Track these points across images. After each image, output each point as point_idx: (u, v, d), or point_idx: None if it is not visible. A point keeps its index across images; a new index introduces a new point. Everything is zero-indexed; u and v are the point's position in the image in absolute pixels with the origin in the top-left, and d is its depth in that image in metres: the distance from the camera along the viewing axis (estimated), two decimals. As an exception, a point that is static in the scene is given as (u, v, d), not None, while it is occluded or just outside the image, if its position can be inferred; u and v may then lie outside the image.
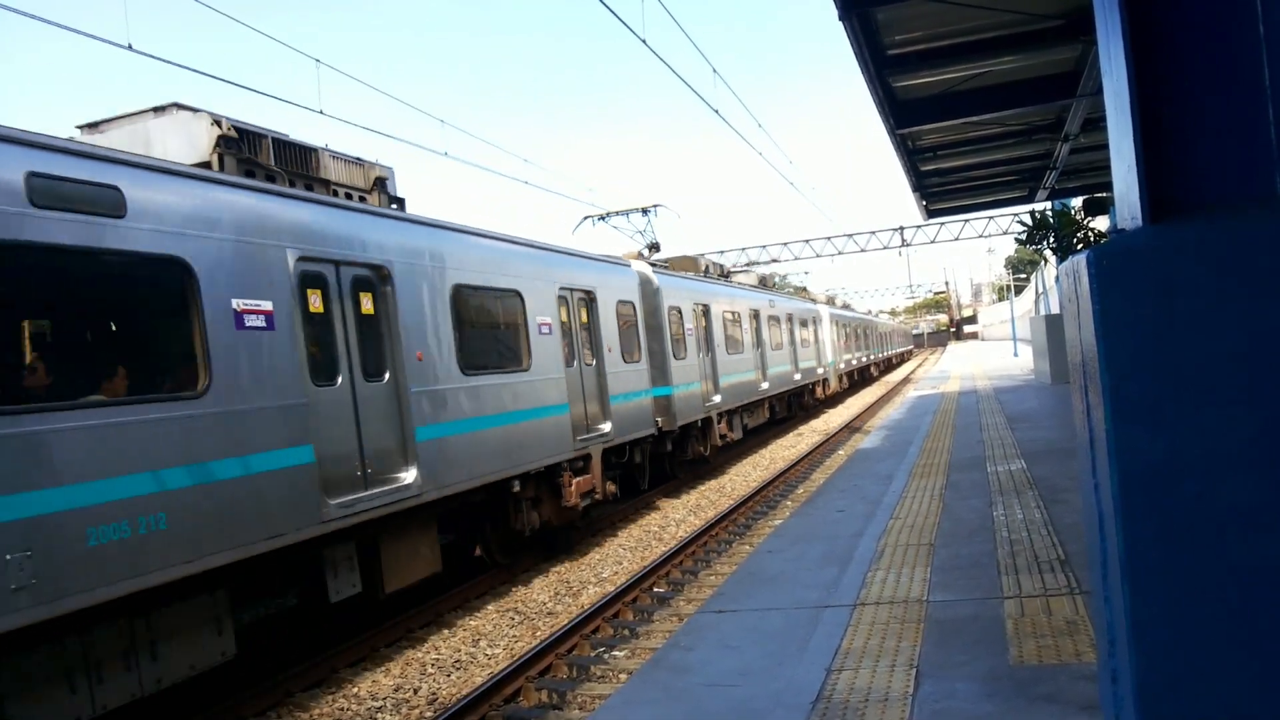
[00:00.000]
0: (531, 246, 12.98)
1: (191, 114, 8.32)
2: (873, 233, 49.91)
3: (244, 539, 7.17)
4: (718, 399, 20.13)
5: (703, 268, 22.53)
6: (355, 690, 8.33)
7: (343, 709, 7.92)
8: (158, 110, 8.38)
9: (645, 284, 17.06)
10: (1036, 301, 43.08)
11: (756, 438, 24.72)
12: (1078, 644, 4.83)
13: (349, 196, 9.80)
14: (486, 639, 9.54)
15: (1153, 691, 1.93)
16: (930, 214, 24.80)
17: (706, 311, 20.26)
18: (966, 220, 46.66)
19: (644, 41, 11.59)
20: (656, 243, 20.25)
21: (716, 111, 15.70)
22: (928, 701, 4.31)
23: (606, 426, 14.15)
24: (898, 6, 9.68)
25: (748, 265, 34.00)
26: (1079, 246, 18.20)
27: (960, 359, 51.91)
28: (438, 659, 9.01)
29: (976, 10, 9.90)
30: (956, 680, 4.53)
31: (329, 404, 8.39)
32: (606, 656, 8.64)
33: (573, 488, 12.72)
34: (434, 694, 8.13)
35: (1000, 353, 51.19)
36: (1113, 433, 1.93)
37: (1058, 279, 23.87)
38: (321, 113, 12.66)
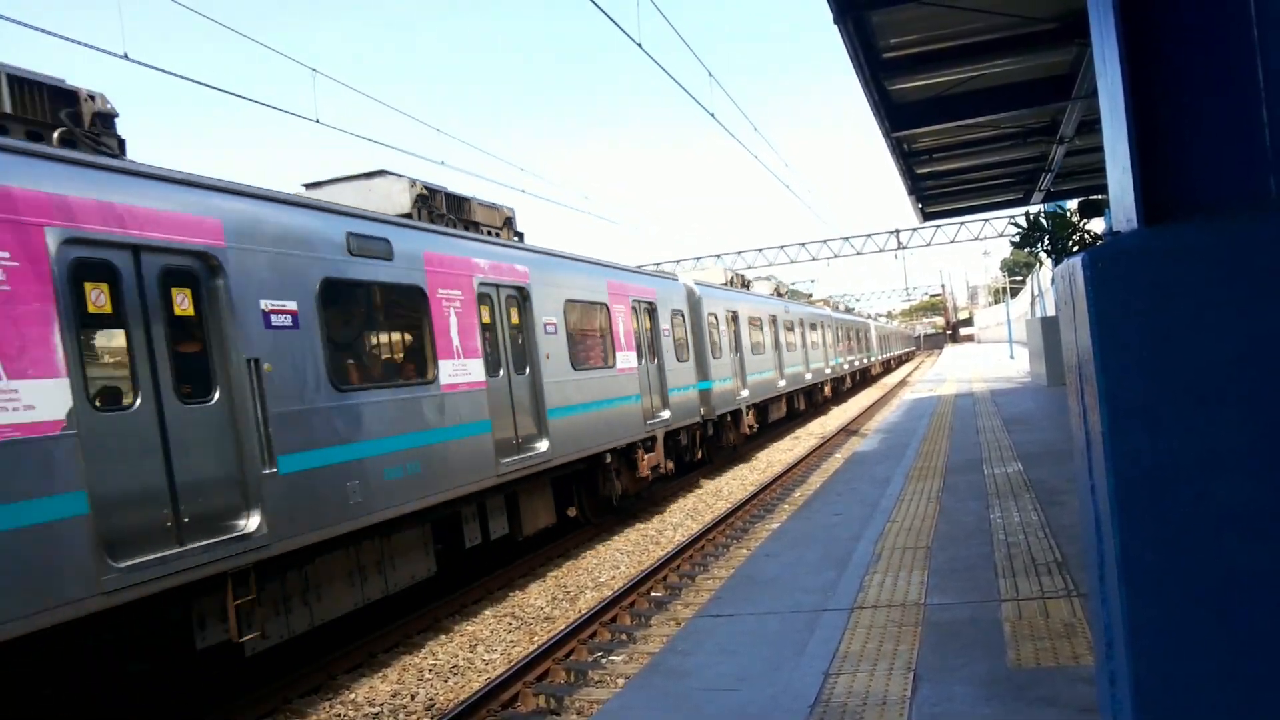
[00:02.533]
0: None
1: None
2: (869, 235, 50.00)
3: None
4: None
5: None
6: (352, 696, 8.30)
7: (340, 715, 7.90)
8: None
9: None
10: (1032, 304, 43.17)
11: (753, 442, 24.73)
12: (1075, 646, 4.82)
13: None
14: (484, 644, 9.52)
15: (1151, 694, 1.93)
16: (926, 217, 24.85)
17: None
18: (962, 223, 46.79)
19: (639, 45, 11.59)
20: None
21: (713, 115, 15.71)
22: (926, 705, 4.31)
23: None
24: (893, 10, 9.70)
25: (768, 273, 35.22)
26: (1074, 249, 18.23)
27: (956, 362, 51.97)
28: (435, 664, 9.00)
29: (971, 13, 9.92)
30: (954, 683, 4.53)
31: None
32: (604, 661, 8.62)
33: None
34: (431, 700, 8.11)
35: (997, 355, 51.26)
36: (1109, 435, 1.93)
37: (1053, 281, 23.89)
38: (318, 121, 12.67)
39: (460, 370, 10.43)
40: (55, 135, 6.96)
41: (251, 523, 7.38)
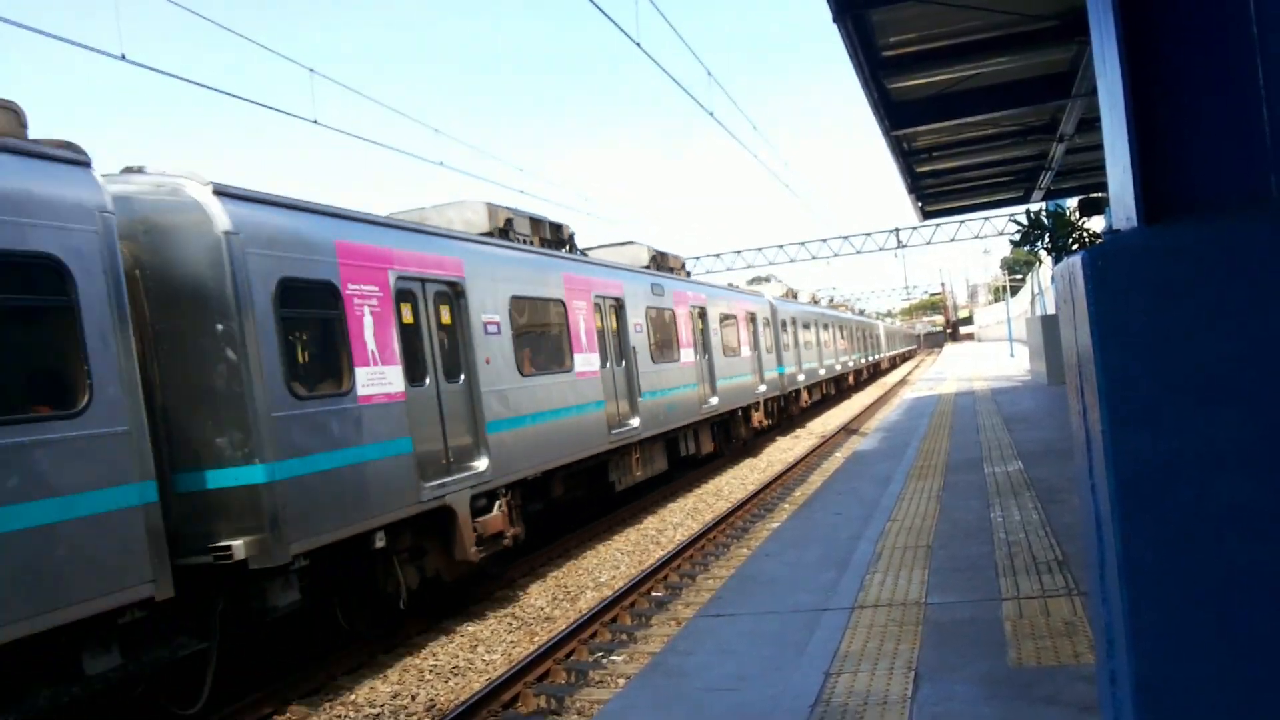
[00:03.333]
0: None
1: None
2: (868, 234, 49.96)
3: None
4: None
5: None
6: (353, 697, 8.30)
7: (341, 715, 7.90)
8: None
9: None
10: (1032, 302, 43.14)
11: (760, 439, 24.77)
12: (1076, 645, 4.82)
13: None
14: (484, 645, 9.52)
15: (1151, 692, 1.93)
16: (926, 215, 24.85)
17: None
18: (962, 221, 46.71)
19: (638, 45, 11.59)
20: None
21: (711, 114, 15.72)
22: (927, 704, 4.30)
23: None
24: (892, 8, 9.69)
25: (766, 273, 40.80)
26: (1074, 247, 18.23)
27: (957, 360, 51.95)
28: (435, 665, 8.99)
29: (971, 11, 9.92)
30: (955, 682, 4.52)
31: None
32: (605, 661, 8.62)
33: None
34: (432, 700, 8.11)
35: (997, 354, 51.25)
36: (1109, 434, 1.93)
37: (1053, 280, 23.87)
38: (316, 122, 12.66)
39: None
40: None
41: (636, 421, 14.51)
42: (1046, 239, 19.78)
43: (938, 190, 21.24)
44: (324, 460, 8.06)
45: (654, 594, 10.77)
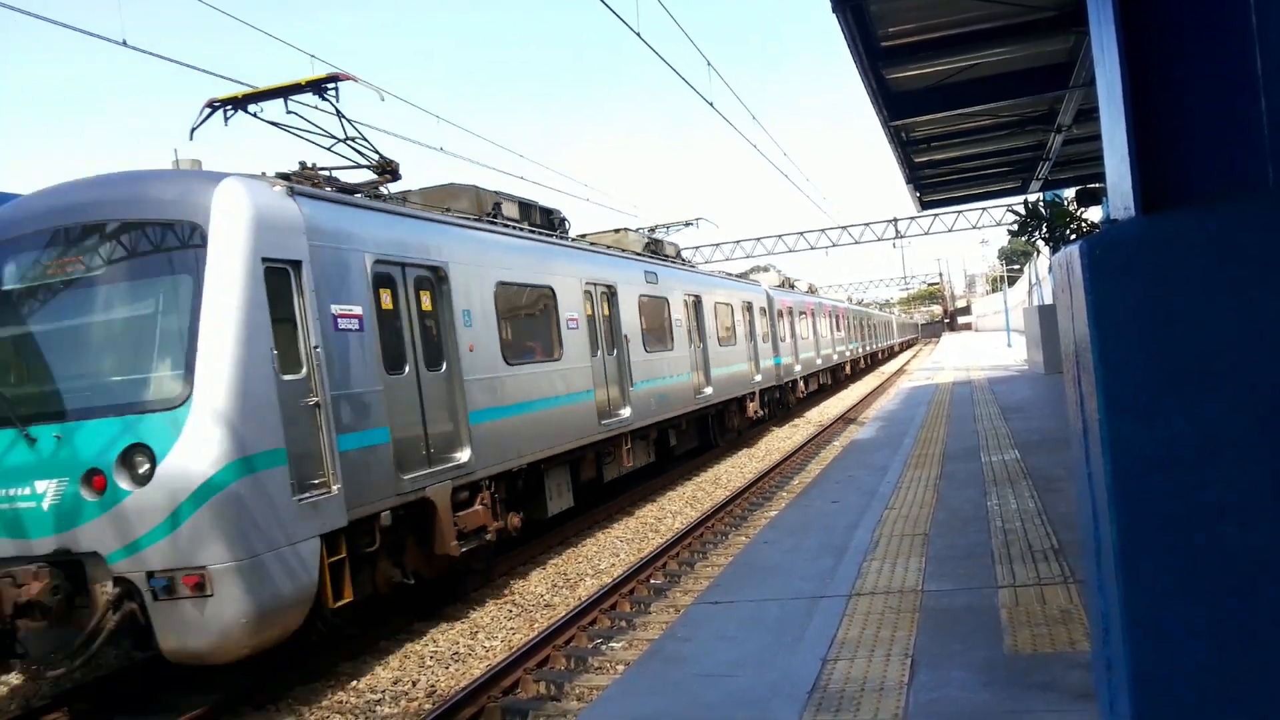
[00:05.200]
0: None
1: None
2: (867, 224, 49.90)
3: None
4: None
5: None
6: (354, 683, 8.34)
7: (342, 701, 7.94)
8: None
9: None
10: (1030, 292, 43.14)
11: (759, 428, 24.80)
12: (1072, 632, 4.85)
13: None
14: (484, 631, 9.56)
15: (1147, 679, 1.95)
16: (924, 205, 24.86)
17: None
18: (960, 212, 46.66)
19: (638, 35, 11.57)
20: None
21: (711, 105, 15.69)
22: (923, 691, 4.34)
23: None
24: (891, -2, 9.69)
25: (769, 262, 41.91)
26: (1072, 237, 18.23)
27: (954, 350, 51.98)
28: (436, 651, 9.03)
29: (969, 1, 9.91)
30: (952, 669, 4.56)
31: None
32: (604, 648, 8.66)
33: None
34: (432, 686, 8.15)
35: (994, 343, 51.27)
36: (1106, 423, 1.95)
37: (1051, 270, 23.87)
38: (316, 108, 12.60)
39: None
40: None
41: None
42: (1044, 229, 19.80)
43: (936, 180, 21.23)
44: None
45: (653, 581, 10.81)
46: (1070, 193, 21.83)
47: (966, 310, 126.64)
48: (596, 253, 15.64)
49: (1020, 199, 22.49)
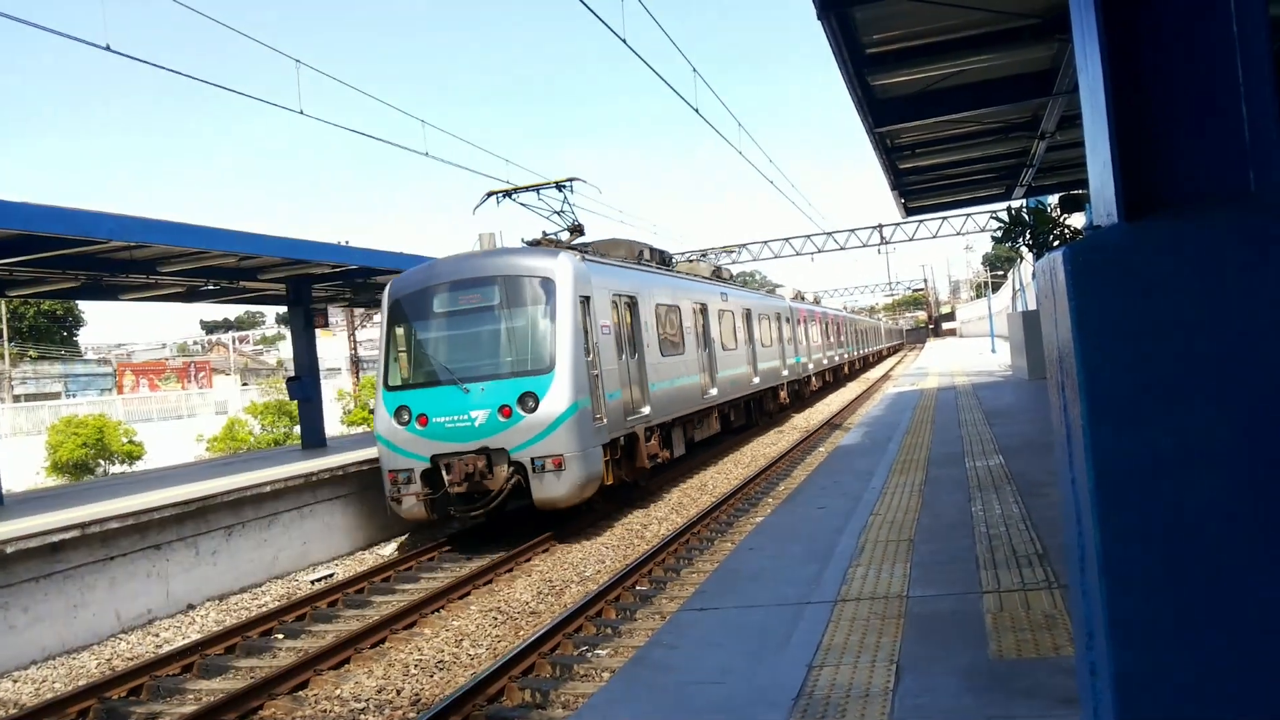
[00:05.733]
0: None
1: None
2: (852, 230, 50.08)
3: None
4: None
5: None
6: (337, 692, 8.29)
7: (326, 710, 7.89)
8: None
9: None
10: (1014, 298, 43.32)
11: (738, 436, 24.84)
12: (1056, 638, 4.86)
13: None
14: (470, 639, 9.52)
15: (1131, 685, 1.95)
16: (909, 212, 24.94)
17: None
18: (945, 218, 46.87)
19: (624, 41, 11.58)
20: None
21: (696, 110, 15.73)
22: (908, 696, 4.33)
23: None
24: (876, 5, 9.71)
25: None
26: (1055, 244, 18.31)
27: (939, 355, 52.16)
28: (420, 660, 8.99)
29: (954, 9, 9.95)
30: (937, 675, 4.56)
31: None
32: (589, 655, 8.64)
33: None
34: (417, 694, 8.10)
35: (978, 349, 51.47)
36: (1089, 429, 1.95)
37: (1034, 276, 23.98)
38: (302, 113, 12.62)
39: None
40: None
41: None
42: (1028, 235, 19.89)
43: (921, 187, 21.32)
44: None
45: (639, 588, 10.79)
46: (1053, 199, 21.93)
47: (951, 316, 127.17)
48: (696, 280, 22.79)
49: (1004, 205, 22.61)
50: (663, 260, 21.28)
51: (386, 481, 13.75)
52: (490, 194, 16.55)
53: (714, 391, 21.21)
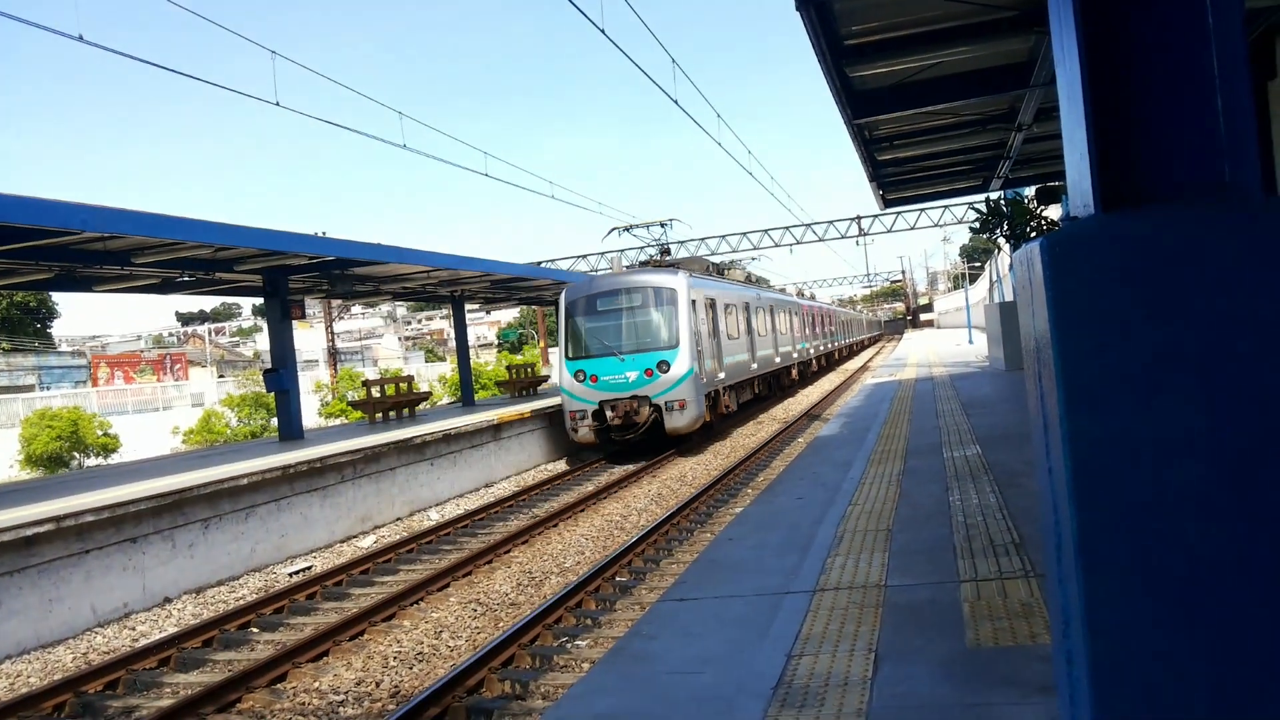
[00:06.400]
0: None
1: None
2: (831, 222, 50.16)
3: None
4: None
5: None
6: (316, 685, 8.26)
7: (304, 703, 7.86)
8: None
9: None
10: (991, 289, 43.58)
11: (726, 426, 24.93)
12: (1033, 626, 4.91)
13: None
14: (449, 631, 9.51)
15: (1107, 672, 1.97)
16: (887, 203, 24.99)
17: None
18: (923, 209, 47.10)
19: (603, 31, 11.55)
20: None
21: (675, 102, 15.71)
22: (887, 685, 4.36)
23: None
24: (854, -4, 9.71)
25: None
26: (1032, 235, 18.42)
27: (917, 346, 52.41)
28: (399, 652, 8.97)
29: (932, 1, 9.97)
30: (915, 663, 4.59)
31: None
32: (569, 646, 8.64)
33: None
34: (396, 687, 8.09)
35: (955, 340, 51.76)
36: (1066, 418, 1.97)
37: (1011, 267, 24.11)
38: (278, 104, 12.49)
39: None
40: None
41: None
42: (1005, 226, 20.00)
43: (899, 178, 21.37)
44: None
45: (619, 579, 10.80)
46: (1030, 191, 22.04)
47: (929, 308, 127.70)
48: (743, 285, 29.88)
49: (982, 197, 22.68)
50: (719, 271, 29.41)
51: (568, 418, 21.17)
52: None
53: (754, 366, 28.66)
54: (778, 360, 33.40)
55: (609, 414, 20.57)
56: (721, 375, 23.44)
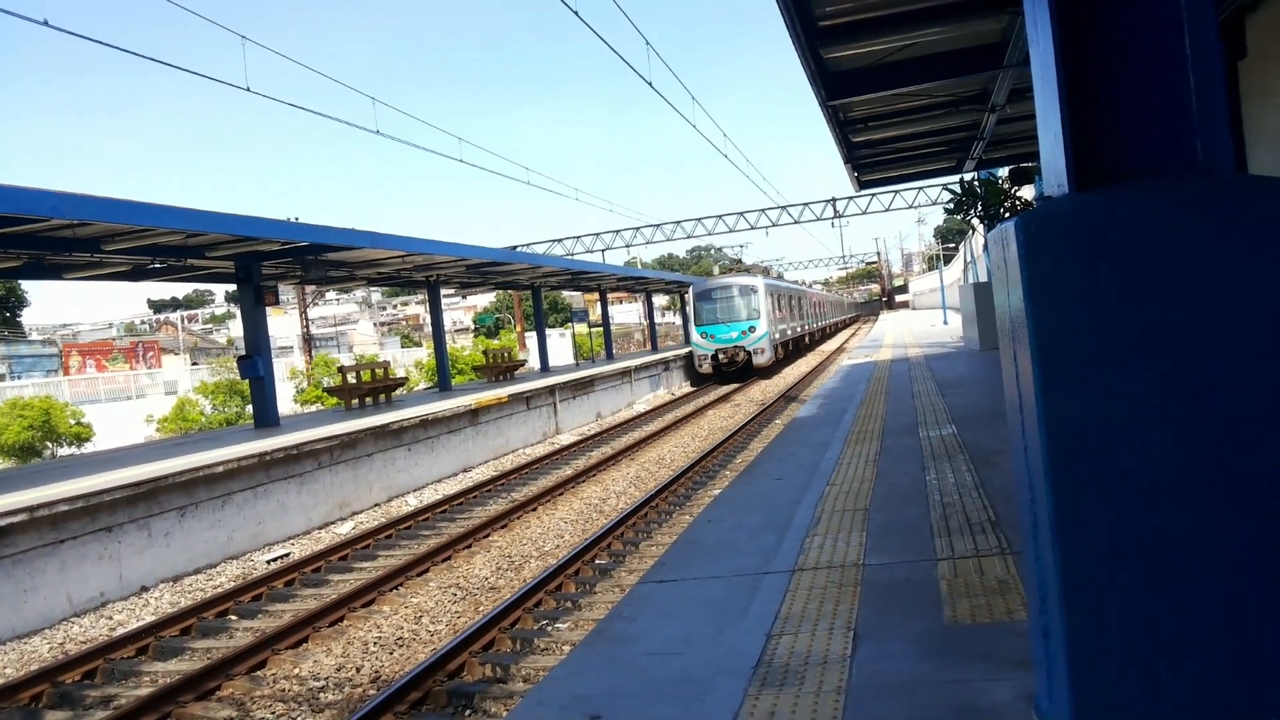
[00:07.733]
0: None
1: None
2: (806, 204, 50.32)
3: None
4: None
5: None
6: (296, 671, 8.25)
7: (284, 690, 7.84)
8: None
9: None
10: (965, 270, 43.84)
11: (703, 411, 24.94)
12: (1010, 603, 4.96)
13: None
14: (429, 616, 9.50)
15: (1082, 646, 2.00)
16: (862, 185, 25.03)
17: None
18: (897, 191, 47.31)
19: (576, 14, 11.48)
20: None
21: (650, 84, 15.65)
22: (866, 663, 4.40)
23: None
24: (829, -23, 9.69)
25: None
26: (1006, 215, 18.51)
27: (892, 328, 52.70)
28: (380, 637, 8.96)
29: (906, -19, 9.97)
30: (893, 641, 4.63)
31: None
32: (549, 629, 8.67)
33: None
34: (377, 672, 8.09)
35: (931, 321, 52.07)
36: (1041, 395, 1.98)
37: (985, 248, 24.17)
38: (249, 90, 12.36)
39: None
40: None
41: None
42: (979, 207, 20.07)
43: (873, 160, 21.41)
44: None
45: (598, 562, 10.83)
46: (1004, 171, 22.14)
47: (904, 289, 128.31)
48: (781, 281, 45.07)
49: (956, 178, 22.75)
50: (765, 271, 45.95)
51: (696, 360, 36.71)
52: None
53: (790, 332, 42.50)
54: (798, 330, 48.01)
55: (720, 357, 35.69)
56: (777, 336, 38.43)
